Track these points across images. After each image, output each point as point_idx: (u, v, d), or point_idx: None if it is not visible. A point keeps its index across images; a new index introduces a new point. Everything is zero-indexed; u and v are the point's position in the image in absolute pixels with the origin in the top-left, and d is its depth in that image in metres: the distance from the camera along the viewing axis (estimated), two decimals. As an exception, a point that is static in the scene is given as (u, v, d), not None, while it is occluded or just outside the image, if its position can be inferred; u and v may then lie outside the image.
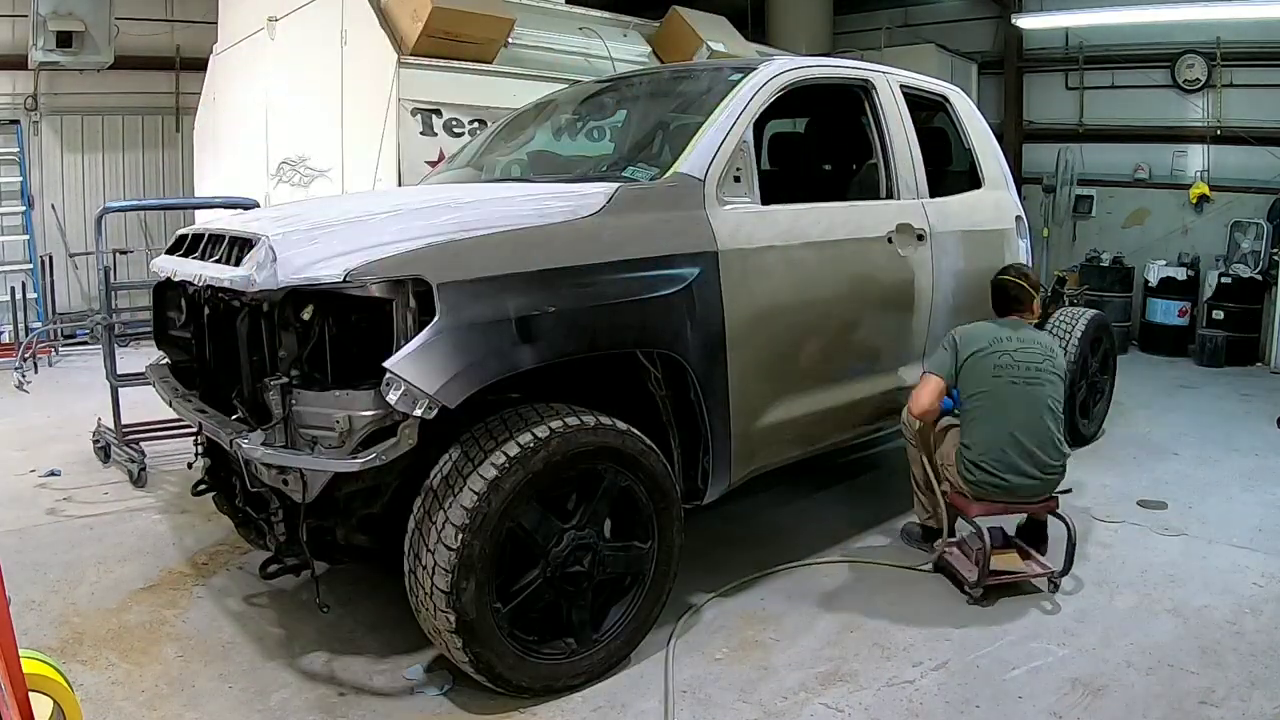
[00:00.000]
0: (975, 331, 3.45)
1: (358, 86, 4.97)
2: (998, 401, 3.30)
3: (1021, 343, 3.38)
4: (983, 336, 3.40)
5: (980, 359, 3.34)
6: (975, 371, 3.34)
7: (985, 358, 3.33)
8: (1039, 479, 3.31)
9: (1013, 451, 3.26)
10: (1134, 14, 8.35)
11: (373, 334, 2.44)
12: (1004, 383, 3.30)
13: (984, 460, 3.28)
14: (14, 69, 8.65)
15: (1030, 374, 3.32)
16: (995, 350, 3.34)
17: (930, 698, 2.65)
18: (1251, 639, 3.00)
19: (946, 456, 3.48)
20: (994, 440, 3.28)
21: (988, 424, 3.31)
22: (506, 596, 2.54)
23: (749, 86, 3.30)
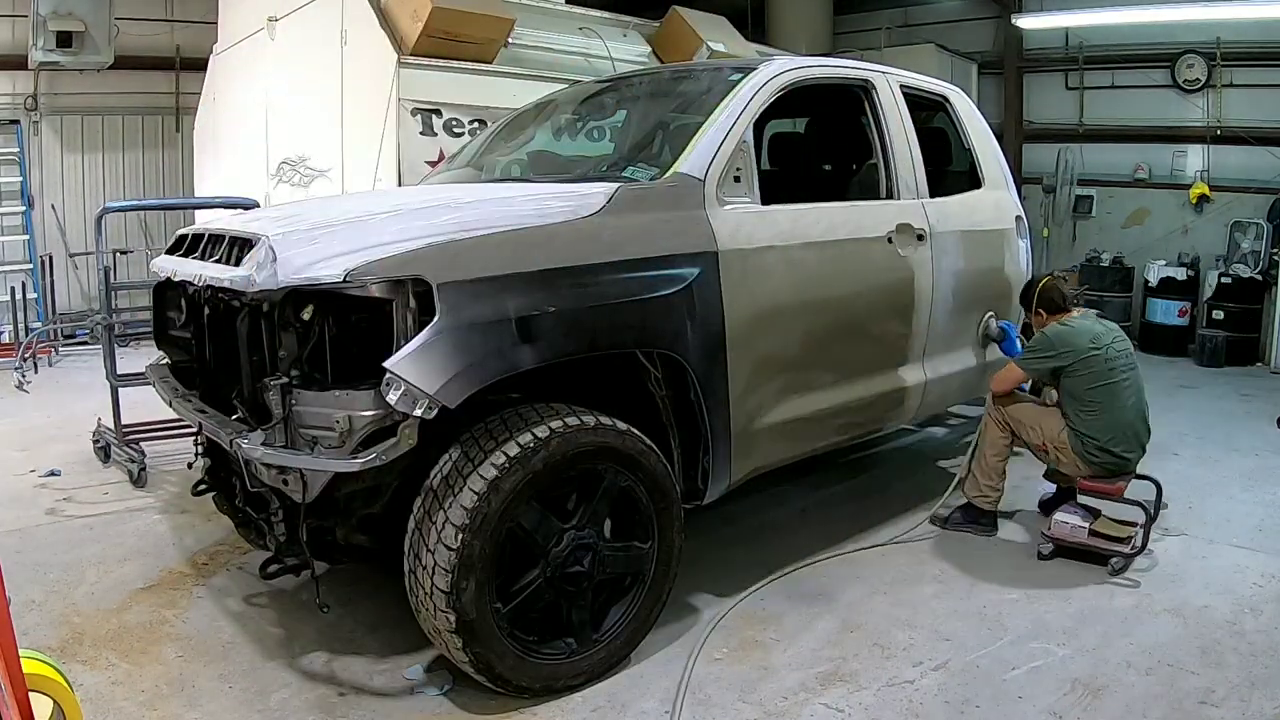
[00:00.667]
0: (1070, 335, 3.66)
1: (358, 86, 4.97)
2: (1119, 393, 3.59)
3: (1111, 334, 3.71)
4: (1083, 337, 3.65)
5: (1092, 360, 3.59)
6: (1089, 370, 3.59)
7: (1096, 358, 3.59)
8: (1144, 453, 3.73)
9: (1135, 431, 3.63)
10: (1134, 14, 8.35)
11: (373, 334, 2.44)
12: (1119, 374, 3.60)
13: (1114, 445, 3.58)
14: (14, 69, 8.65)
15: (1130, 361, 3.68)
16: (1103, 348, 3.63)
17: (930, 698, 2.65)
18: (1251, 639, 3.00)
19: (1057, 440, 3.71)
20: (1123, 426, 3.59)
21: (1113, 413, 3.59)
22: (506, 596, 2.54)
23: (749, 86, 3.30)
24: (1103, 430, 3.59)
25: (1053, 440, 3.72)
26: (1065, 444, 3.68)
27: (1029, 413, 3.85)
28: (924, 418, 4.91)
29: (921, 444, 5.38)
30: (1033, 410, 3.86)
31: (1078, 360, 3.60)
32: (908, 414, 3.99)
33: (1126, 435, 3.61)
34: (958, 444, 5.35)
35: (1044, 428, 3.75)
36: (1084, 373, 3.60)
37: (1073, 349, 3.62)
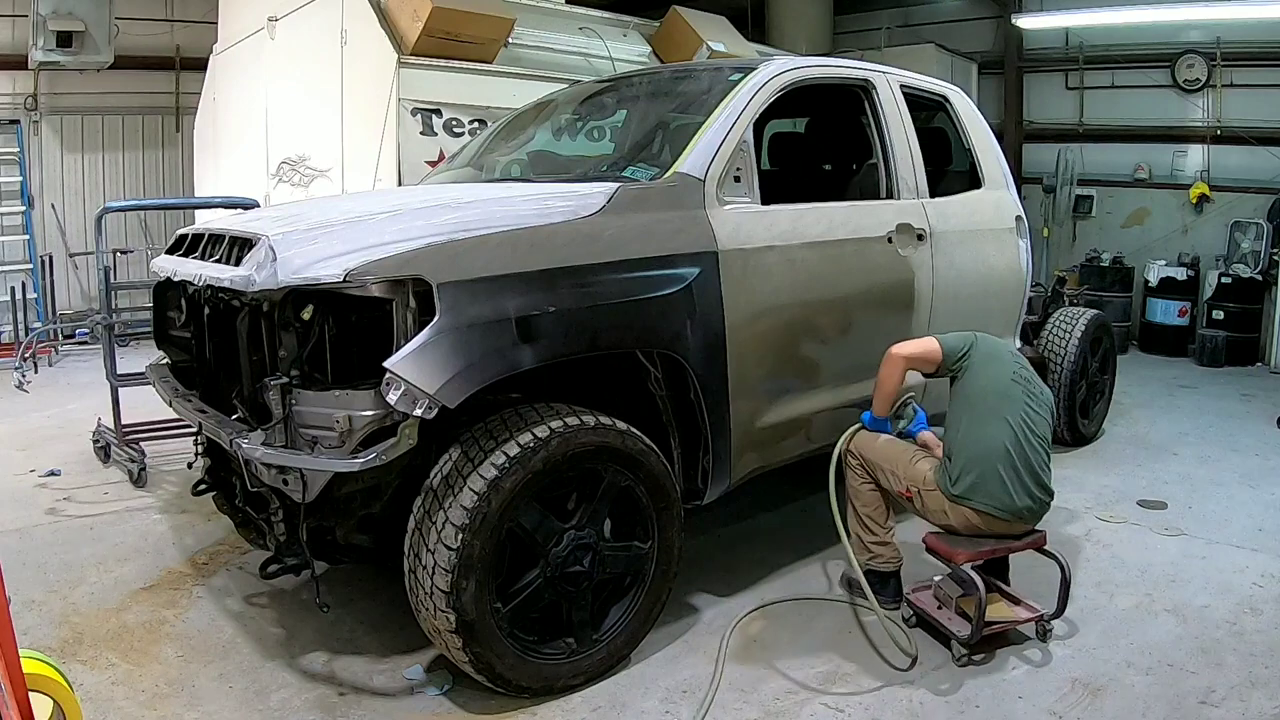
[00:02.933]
0: (991, 340, 3.17)
1: (358, 86, 4.97)
2: (1012, 406, 2.94)
3: (1033, 375, 3.10)
4: (1000, 347, 3.14)
5: (996, 360, 3.05)
6: (989, 370, 3.02)
7: (1001, 362, 3.05)
8: (1036, 506, 2.94)
9: (1020, 461, 2.87)
10: (1134, 14, 8.34)
11: (373, 334, 2.44)
12: (1020, 391, 2.98)
13: (985, 465, 2.85)
14: (14, 69, 8.65)
15: (1042, 402, 3.02)
16: (1014, 361, 3.09)
17: (930, 698, 2.65)
18: (1251, 639, 3.00)
19: (924, 480, 3.00)
20: (1004, 446, 2.87)
21: (997, 426, 2.90)
22: (506, 596, 2.54)
23: (749, 86, 3.30)
24: (983, 440, 2.89)
25: (918, 482, 3.01)
26: (932, 482, 2.97)
27: (888, 452, 3.13)
28: (924, 418, 4.92)
29: (921, 444, 5.38)
30: (894, 449, 3.14)
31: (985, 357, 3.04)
32: None
33: (987, 472, 2.85)
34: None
35: (907, 469, 3.05)
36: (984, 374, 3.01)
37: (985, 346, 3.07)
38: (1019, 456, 2.87)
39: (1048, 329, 5.10)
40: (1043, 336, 5.08)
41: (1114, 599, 3.31)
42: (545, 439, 2.47)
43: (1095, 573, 3.52)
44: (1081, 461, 4.99)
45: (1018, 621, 2.96)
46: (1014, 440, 2.88)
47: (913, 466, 3.05)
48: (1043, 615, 2.97)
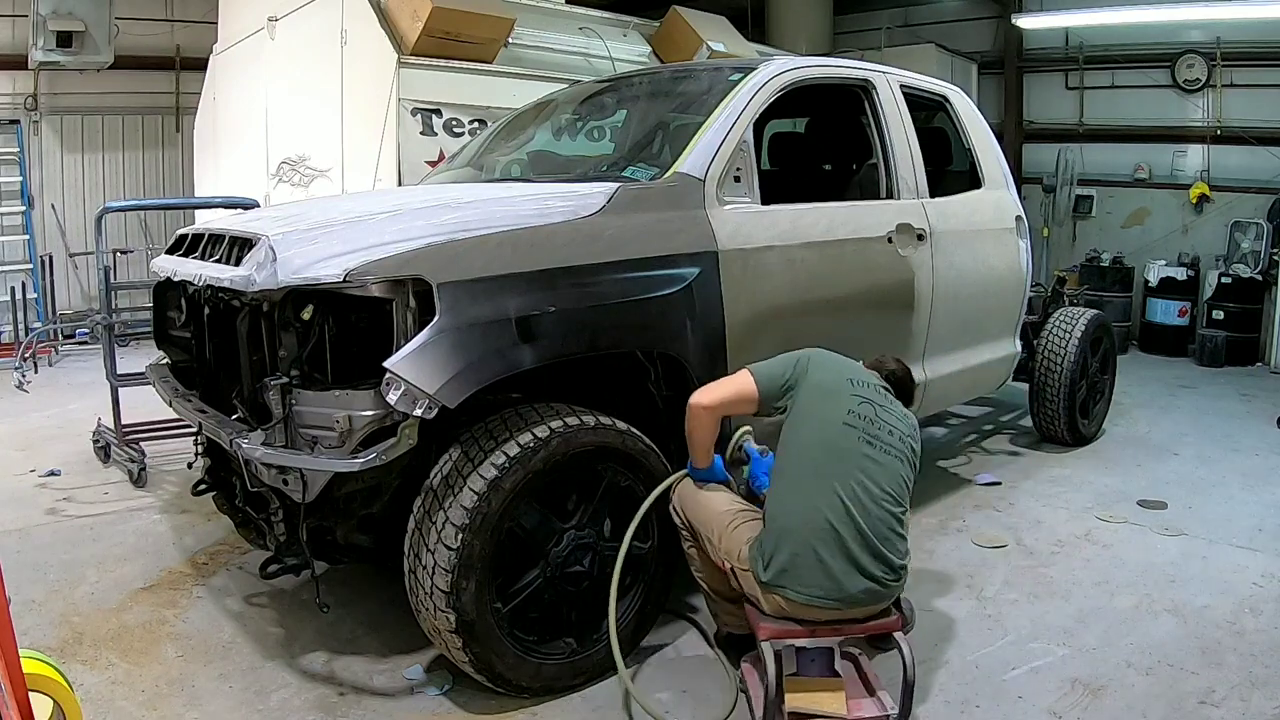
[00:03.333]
0: (829, 360, 2.55)
1: (358, 86, 4.97)
2: (840, 464, 2.33)
3: (889, 404, 2.50)
4: (838, 372, 2.51)
5: (829, 397, 2.42)
6: (817, 413, 2.40)
7: (835, 399, 2.42)
8: (880, 587, 2.30)
9: (851, 535, 2.27)
10: (1134, 14, 8.35)
11: (373, 334, 2.44)
12: (855, 439, 2.36)
13: (805, 550, 2.26)
14: (14, 69, 8.65)
15: (889, 445, 2.39)
16: (852, 395, 2.43)
17: (930, 698, 2.65)
18: (1251, 639, 3.00)
19: (735, 554, 2.41)
20: (824, 520, 2.27)
21: (817, 493, 2.29)
22: (506, 596, 2.54)
23: (749, 86, 3.30)
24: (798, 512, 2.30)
25: (733, 557, 2.42)
26: (746, 561, 2.38)
27: (708, 512, 2.54)
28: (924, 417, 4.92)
29: (921, 444, 5.38)
30: (714, 508, 2.53)
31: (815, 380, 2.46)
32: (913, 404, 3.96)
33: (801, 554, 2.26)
34: (958, 444, 5.36)
35: (724, 538, 2.45)
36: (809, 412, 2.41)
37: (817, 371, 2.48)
38: (848, 529, 2.27)
39: (1048, 329, 5.10)
40: (1043, 336, 5.08)
41: (1114, 599, 3.31)
42: (545, 439, 2.47)
43: (1095, 573, 3.52)
44: (1081, 461, 4.99)
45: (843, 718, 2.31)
46: (839, 510, 2.28)
47: (730, 535, 2.44)
48: (888, 717, 2.35)
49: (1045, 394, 5.05)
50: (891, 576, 2.33)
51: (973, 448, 5.28)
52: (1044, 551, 3.73)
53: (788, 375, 2.49)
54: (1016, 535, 3.91)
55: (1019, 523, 4.06)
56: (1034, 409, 5.17)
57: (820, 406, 2.43)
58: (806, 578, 2.28)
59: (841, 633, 2.38)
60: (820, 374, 2.49)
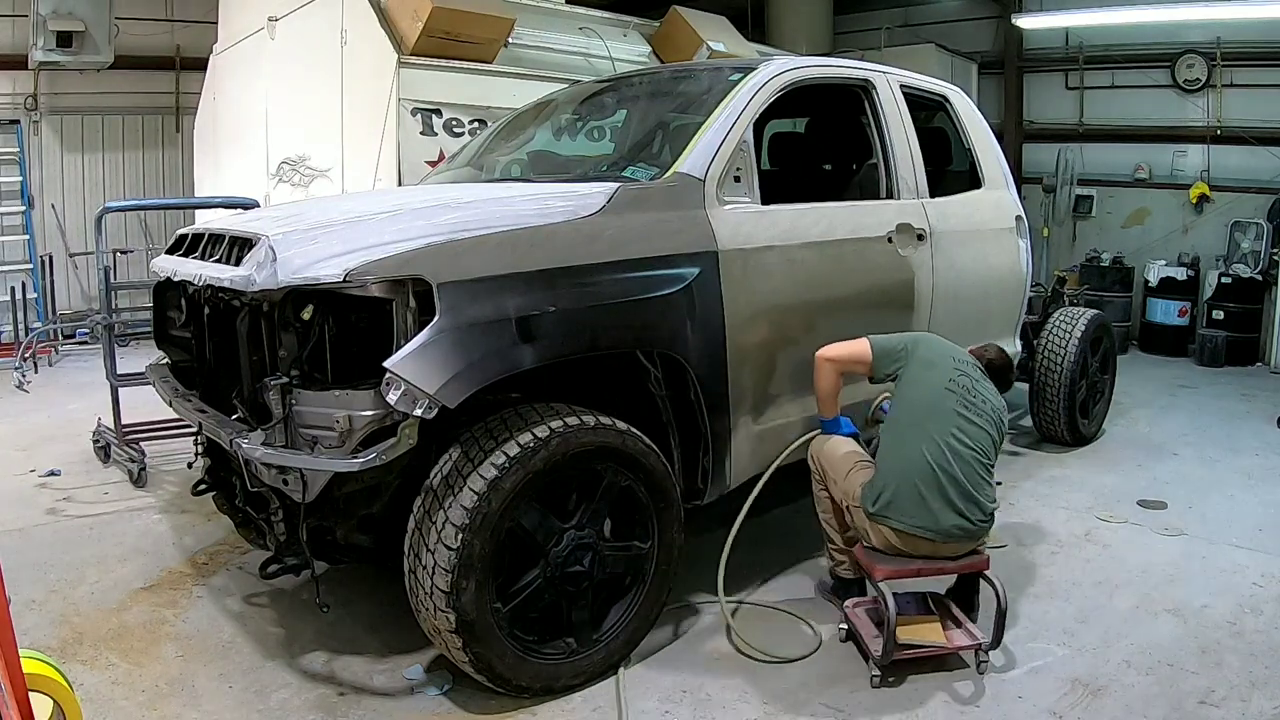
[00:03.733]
0: (935, 342, 3.00)
1: (358, 86, 4.96)
2: (940, 420, 2.76)
3: (979, 383, 2.90)
4: (943, 351, 2.96)
5: (932, 368, 2.86)
6: (923, 378, 2.84)
7: (938, 369, 2.86)
8: (971, 525, 2.73)
9: (945, 478, 2.69)
10: (1134, 14, 8.34)
11: (373, 334, 2.44)
12: (953, 402, 2.79)
13: (902, 481, 2.70)
14: (14, 69, 8.65)
15: (982, 412, 2.81)
16: (954, 369, 2.88)
17: (930, 698, 2.65)
18: (1251, 639, 3.00)
19: (851, 493, 2.87)
20: (925, 462, 2.71)
21: (920, 441, 2.73)
22: (506, 596, 2.54)
23: (749, 86, 3.30)
24: (905, 459, 2.74)
25: (850, 496, 2.89)
26: (857, 499, 2.84)
27: (834, 459, 3.01)
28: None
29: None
30: (838, 456, 3.01)
31: (921, 359, 2.89)
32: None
33: (903, 489, 2.69)
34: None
35: (844, 480, 2.93)
36: (918, 380, 2.85)
37: (921, 348, 2.92)
38: (943, 473, 2.69)
39: (1048, 329, 5.10)
40: (1043, 336, 5.08)
41: (1114, 599, 3.31)
42: (545, 439, 2.47)
43: (1095, 573, 3.52)
44: (1081, 461, 4.99)
45: (944, 649, 2.72)
46: (937, 455, 2.70)
47: (848, 478, 2.91)
48: (980, 645, 2.74)
49: (1045, 394, 5.05)
50: (981, 517, 2.73)
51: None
52: (1044, 551, 3.73)
53: (900, 348, 2.92)
54: (1016, 535, 3.91)
55: (1019, 523, 4.06)
56: (1034, 409, 5.17)
57: (926, 374, 2.84)
58: (909, 509, 2.68)
59: (942, 570, 2.78)
60: (927, 350, 2.91)
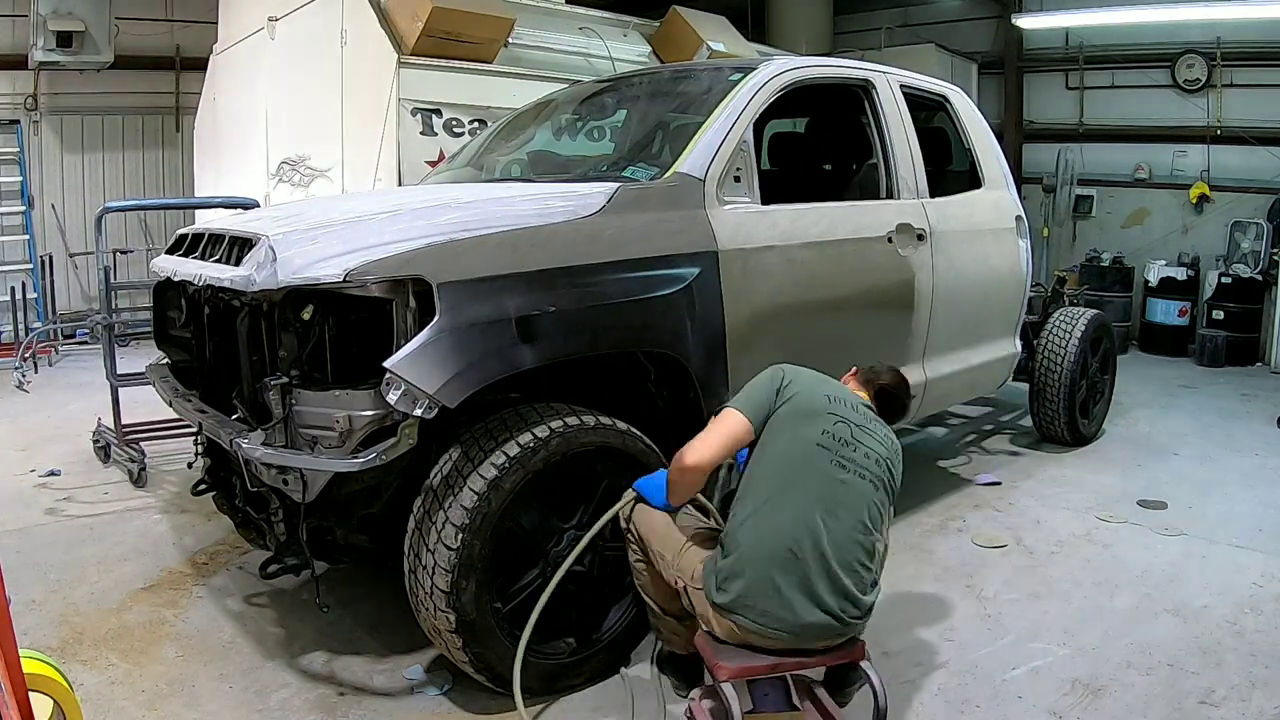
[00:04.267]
0: (809, 377, 2.39)
1: (358, 86, 4.96)
2: (807, 487, 2.19)
3: (871, 425, 2.34)
4: (817, 388, 2.36)
5: (804, 410, 2.29)
6: (790, 431, 2.27)
7: (812, 413, 2.28)
8: (840, 623, 2.16)
9: (813, 563, 2.13)
10: (1134, 14, 8.35)
11: (373, 334, 2.44)
12: (826, 462, 2.22)
13: (762, 577, 2.13)
14: (14, 69, 8.65)
15: (868, 464, 2.26)
16: (834, 413, 2.29)
17: (930, 698, 2.65)
18: (1251, 639, 3.00)
19: (688, 573, 2.30)
20: (785, 546, 2.14)
21: (780, 517, 2.17)
22: (506, 596, 2.54)
23: (749, 86, 3.30)
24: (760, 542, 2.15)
25: (686, 576, 2.30)
26: (699, 581, 2.25)
27: (667, 532, 2.40)
28: (924, 417, 4.92)
29: (921, 444, 5.38)
30: (676, 530, 2.41)
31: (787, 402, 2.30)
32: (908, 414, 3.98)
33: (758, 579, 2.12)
34: (958, 444, 5.35)
35: (677, 557, 2.34)
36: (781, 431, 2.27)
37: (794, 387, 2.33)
38: (813, 556, 2.14)
39: (1048, 329, 5.10)
40: (1043, 336, 5.08)
41: (1114, 599, 3.31)
42: (545, 439, 2.47)
43: (1095, 573, 3.52)
44: (1081, 461, 4.99)
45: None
46: (801, 536, 2.15)
47: (683, 555, 2.34)
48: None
49: (1045, 394, 5.05)
50: (854, 612, 2.18)
51: (973, 448, 5.28)
52: (1044, 551, 3.73)
53: (771, 398, 2.33)
54: (1016, 535, 3.91)
55: (1019, 523, 4.06)
56: (1034, 409, 5.17)
57: (793, 426, 2.27)
58: (761, 605, 2.13)
59: (802, 665, 2.22)
60: (798, 392, 2.33)
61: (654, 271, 2.79)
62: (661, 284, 2.79)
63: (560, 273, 2.57)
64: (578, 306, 2.59)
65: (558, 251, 2.60)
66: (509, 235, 2.56)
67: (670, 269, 2.82)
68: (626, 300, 2.71)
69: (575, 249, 2.65)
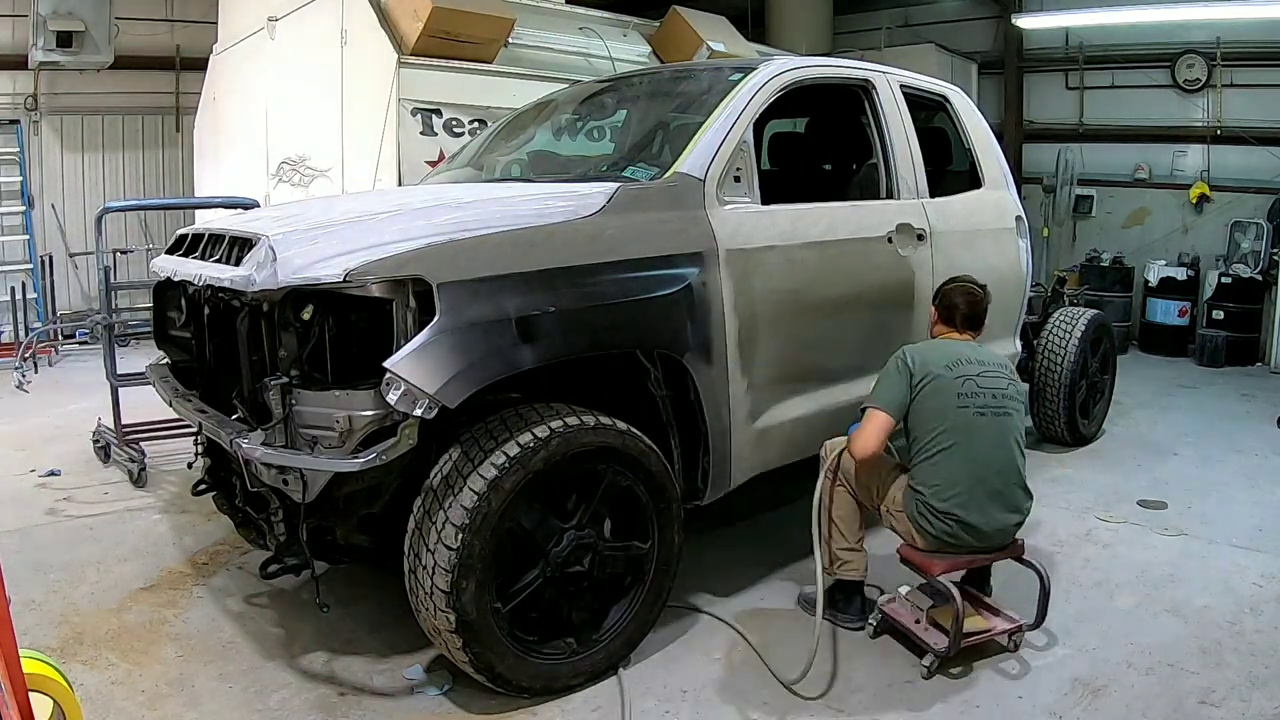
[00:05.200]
0: (931, 351, 2.95)
1: (358, 86, 4.97)
2: (964, 437, 2.81)
3: (984, 366, 2.92)
4: (941, 357, 2.91)
5: (940, 385, 2.85)
6: (933, 401, 2.84)
7: (946, 384, 2.85)
8: (1010, 523, 2.90)
9: (983, 494, 2.81)
10: (1134, 14, 8.35)
11: (373, 334, 2.44)
12: (970, 414, 2.83)
13: (954, 509, 2.79)
14: (14, 69, 8.65)
15: (997, 403, 2.87)
16: (958, 375, 2.87)
17: (930, 698, 2.65)
18: (1251, 639, 3.00)
19: (893, 501, 2.95)
20: (962, 483, 2.80)
21: (952, 464, 2.80)
22: (506, 596, 2.53)
23: (749, 86, 3.30)
24: (942, 484, 2.80)
25: (889, 502, 2.97)
26: (900, 505, 2.92)
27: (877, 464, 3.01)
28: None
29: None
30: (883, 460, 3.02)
31: (924, 382, 2.85)
32: None
33: (974, 493, 2.79)
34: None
35: (880, 483, 2.99)
36: (928, 404, 2.84)
37: (924, 369, 2.87)
38: (983, 484, 2.80)
39: (1048, 329, 5.10)
40: (1043, 336, 5.08)
41: (1114, 599, 3.31)
42: (545, 439, 2.47)
43: (1095, 573, 3.52)
44: (1081, 461, 4.99)
45: (995, 633, 2.86)
46: (973, 469, 2.80)
47: (886, 484, 2.97)
48: (1021, 626, 2.88)
49: (1045, 394, 5.05)
50: (1018, 517, 2.90)
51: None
52: (1044, 551, 3.73)
53: (905, 388, 2.87)
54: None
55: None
56: (1034, 409, 5.16)
57: (936, 399, 2.83)
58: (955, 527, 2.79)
59: (987, 559, 2.94)
60: (926, 374, 2.85)
61: (654, 271, 2.79)
62: (661, 284, 2.79)
63: (560, 273, 2.57)
64: (578, 306, 2.59)
65: (558, 251, 2.60)
66: (509, 235, 2.56)
67: (670, 269, 2.82)
68: (626, 300, 2.71)
69: (575, 249, 2.65)
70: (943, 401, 2.83)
